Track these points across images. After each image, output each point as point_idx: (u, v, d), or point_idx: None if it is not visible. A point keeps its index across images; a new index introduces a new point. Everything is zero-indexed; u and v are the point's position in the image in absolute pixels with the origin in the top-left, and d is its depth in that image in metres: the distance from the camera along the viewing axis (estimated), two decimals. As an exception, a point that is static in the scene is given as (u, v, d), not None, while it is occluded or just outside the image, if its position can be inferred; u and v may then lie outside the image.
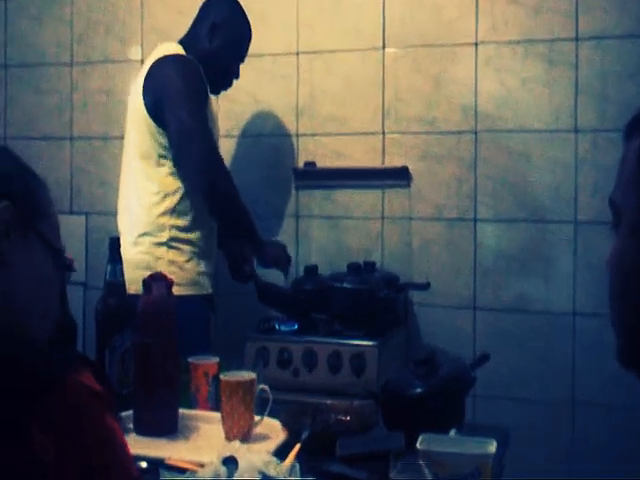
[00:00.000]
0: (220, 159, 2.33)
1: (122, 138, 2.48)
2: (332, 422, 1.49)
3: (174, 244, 2.32)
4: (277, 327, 2.46)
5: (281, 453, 1.38)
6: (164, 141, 2.28)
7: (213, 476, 1.24)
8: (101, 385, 0.88)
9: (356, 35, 2.77)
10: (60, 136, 3.13)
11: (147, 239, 2.31)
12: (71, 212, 3.11)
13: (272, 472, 1.25)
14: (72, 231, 3.05)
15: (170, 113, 2.23)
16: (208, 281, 2.39)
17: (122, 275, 1.65)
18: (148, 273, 1.93)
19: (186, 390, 1.66)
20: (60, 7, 3.11)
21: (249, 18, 2.54)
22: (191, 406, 1.66)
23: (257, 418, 1.54)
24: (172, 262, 2.30)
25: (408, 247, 2.74)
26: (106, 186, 2.98)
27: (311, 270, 2.58)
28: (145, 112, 2.28)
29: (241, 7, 2.49)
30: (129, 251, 2.27)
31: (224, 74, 2.47)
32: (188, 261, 2.33)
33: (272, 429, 1.53)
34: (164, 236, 2.31)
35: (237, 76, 2.51)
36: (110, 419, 0.87)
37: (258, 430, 1.54)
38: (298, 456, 1.36)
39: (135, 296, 1.63)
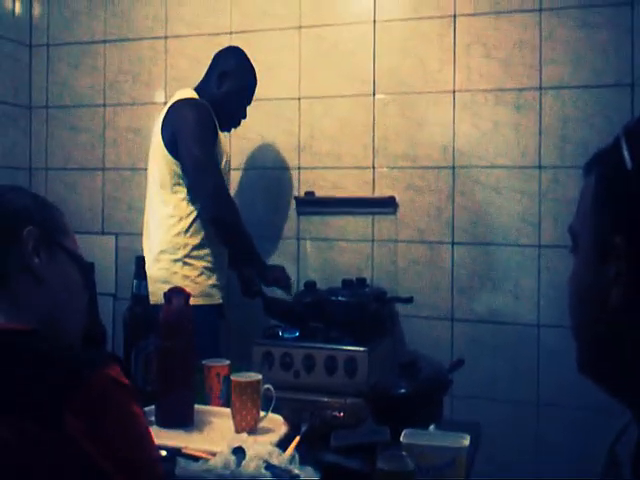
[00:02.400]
0: (225, 187, 2.35)
1: (147, 170, 2.50)
2: (328, 418, 1.48)
3: (188, 260, 2.33)
4: (281, 334, 2.46)
5: (283, 444, 1.39)
6: (179, 171, 2.31)
7: (224, 464, 1.24)
8: (128, 379, 0.89)
9: (350, 83, 2.79)
10: (93, 167, 3.14)
11: (165, 256, 2.33)
12: (103, 233, 3.12)
13: (275, 461, 1.26)
14: (104, 249, 3.06)
15: (183, 148, 2.28)
16: (218, 292, 2.40)
17: (146, 289, 1.66)
18: (166, 286, 1.94)
19: (201, 389, 1.66)
20: (94, 57, 3.13)
21: (259, 68, 2.56)
22: (205, 402, 1.65)
23: (262, 414, 1.54)
24: (186, 277, 2.31)
25: (394, 266, 2.75)
26: (133, 210, 3.00)
27: (310, 285, 2.58)
28: (163, 146, 2.33)
29: (247, 58, 2.51)
30: (151, 267, 2.30)
31: (232, 115, 2.50)
32: (200, 275, 2.34)
33: (275, 423, 1.53)
34: (179, 254, 2.33)
35: (244, 116, 2.54)
36: (135, 407, 0.88)
37: (263, 424, 1.53)
38: (298, 447, 1.36)
39: (156, 306, 1.64)
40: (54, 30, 3.20)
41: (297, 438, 1.40)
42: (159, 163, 2.35)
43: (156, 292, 1.71)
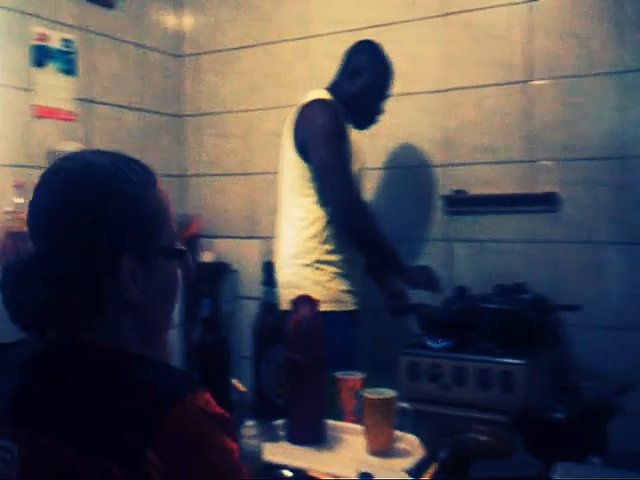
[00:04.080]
0: (355, 190, 2.25)
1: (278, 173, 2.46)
2: (471, 443, 1.33)
3: (319, 265, 2.26)
4: (429, 344, 2.31)
5: (418, 470, 1.25)
6: (309, 174, 2.25)
7: (349, 491, 1.13)
8: (221, 407, 0.80)
9: (502, 70, 2.59)
10: (240, 172, 3.19)
11: (296, 261, 2.27)
12: (250, 237, 3.15)
13: (406, 491, 1.13)
14: (251, 253, 3.10)
15: (313, 151, 2.21)
16: (351, 298, 2.29)
17: (274, 295, 1.59)
18: (296, 292, 1.88)
19: (335, 403, 1.57)
20: (240, 62, 3.18)
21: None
22: (339, 418, 1.55)
23: (398, 433, 1.41)
24: (317, 282, 2.24)
25: (557, 269, 2.50)
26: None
27: (461, 291, 2.42)
28: (294, 149, 2.27)
29: (380, 50, 2.38)
30: (282, 272, 2.27)
31: (368, 112, 2.39)
32: (331, 281, 2.25)
33: (412, 445, 1.39)
34: (310, 258, 2.26)
35: (380, 113, 2.41)
36: (225, 439, 0.78)
37: (399, 445, 1.40)
38: (433, 476, 1.22)
39: (286, 312, 1.57)
40: (201, 39, 3.29)
41: (433, 466, 1.25)
42: (290, 166, 2.31)
43: (286, 298, 1.65)
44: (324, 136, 2.21)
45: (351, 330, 2.29)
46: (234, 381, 1.53)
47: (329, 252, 2.27)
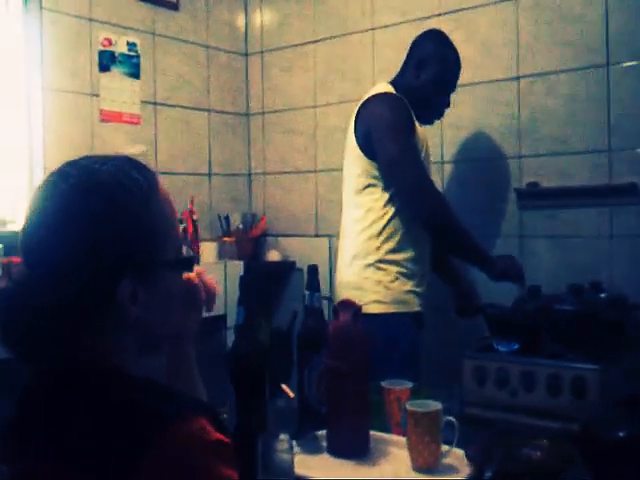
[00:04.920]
0: (430, 184, 2.15)
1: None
2: (522, 459, 1.22)
3: (380, 265, 2.17)
4: (496, 347, 2.19)
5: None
6: (372, 171, 2.16)
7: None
8: (220, 432, 0.74)
9: (578, 54, 2.42)
10: (306, 170, 3.14)
11: (357, 262, 2.20)
12: (316, 235, 3.11)
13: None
14: (317, 252, 3.06)
15: (379, 147, 2.12)
16: (416, 299, 2.19)
17: (319, 301, 1.53)
18: (357, 293, 1.82)
19: (382, 413, 1.49)
20: (305, 58, 3.13)
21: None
22: (386, 429, 1.48)
23: (445, 448, 1.32)
24: (378, 282, 2.15)
25: (638, 266, 2.31)
26: (344, 212, 2.92)
27: (534, 290, 2.27)
28: (356, 144, 2.19)
29: (447, 40, 2.27)
30: (343, 272, 2.22)
31: (434, 105, 2.28)
32: (393, 281, 2.16)
33: (460, 461, 1.30)
34: (371, 258, 2.17)
35: (447, 106, 2.30)
36: (222, 468, 0.72)
37: (446, 460, 1.32)
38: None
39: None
40: (267, 36, 3.26)
41: (477, 486, 1.16)
42: (352, 162, 2.23)
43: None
44: (389, 129, 2.12)
45: (415, 333, 2.20)
46: (283, 386, 1.48)
47: (392, 251, 2.18)
